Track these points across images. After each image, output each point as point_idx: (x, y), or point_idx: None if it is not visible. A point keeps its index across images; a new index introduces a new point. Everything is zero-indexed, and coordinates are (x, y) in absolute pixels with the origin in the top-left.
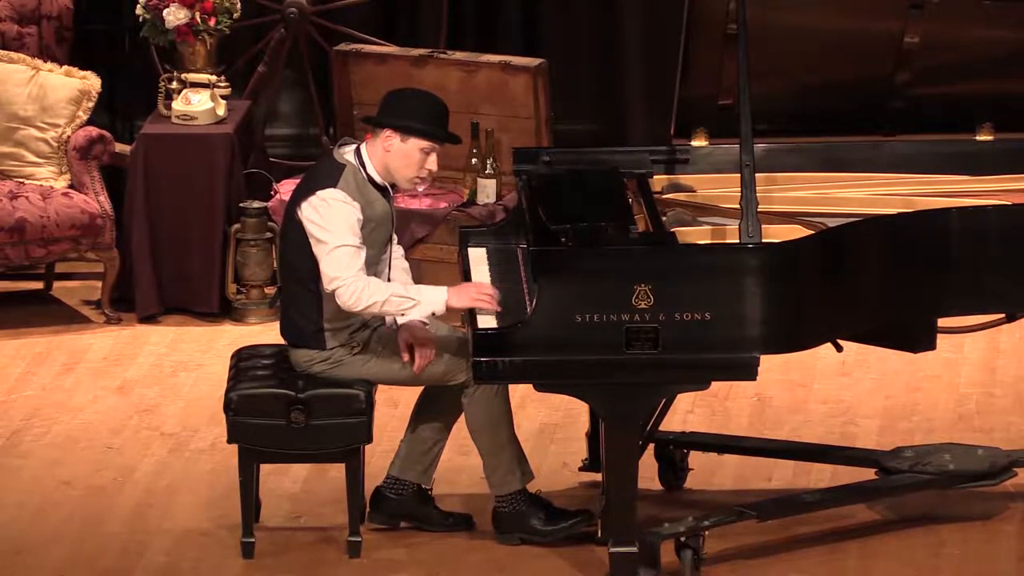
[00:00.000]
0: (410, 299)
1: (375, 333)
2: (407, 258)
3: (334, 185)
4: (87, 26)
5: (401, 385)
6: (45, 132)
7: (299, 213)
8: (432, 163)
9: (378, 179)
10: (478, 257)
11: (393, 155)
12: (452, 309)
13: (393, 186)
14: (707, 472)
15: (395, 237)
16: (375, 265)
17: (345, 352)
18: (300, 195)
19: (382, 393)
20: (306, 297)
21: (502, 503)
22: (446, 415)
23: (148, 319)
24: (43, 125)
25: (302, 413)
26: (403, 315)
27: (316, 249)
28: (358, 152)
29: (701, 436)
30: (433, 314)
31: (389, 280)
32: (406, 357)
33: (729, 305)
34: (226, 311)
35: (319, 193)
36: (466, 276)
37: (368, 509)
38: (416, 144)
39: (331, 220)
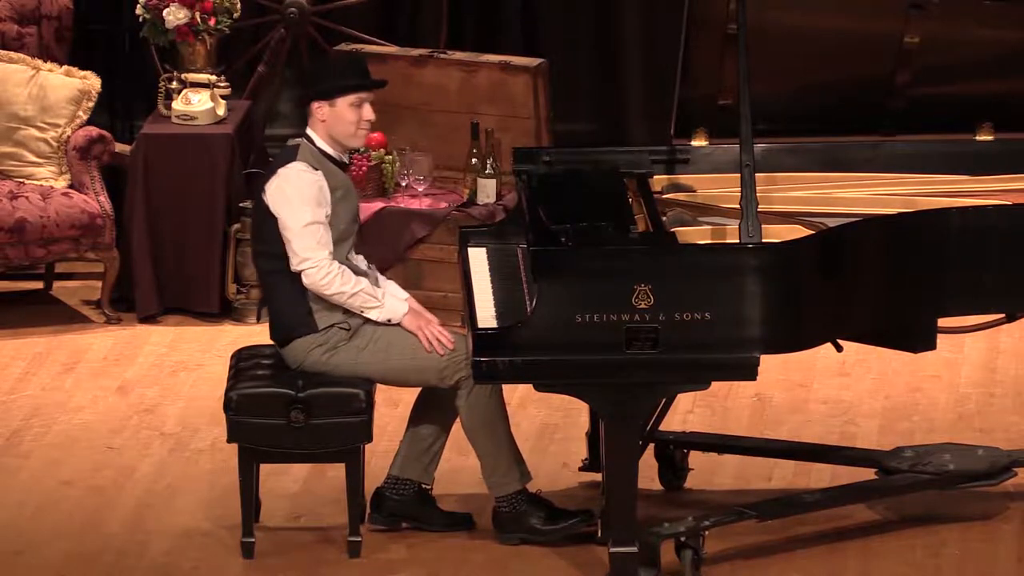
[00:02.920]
0: (376, 300)
1: (366, 324)
2: (407, 258)
3: (293, 159)
4: (87, 26)
5: (397, 384)
6: (45, 132)
7: (265, 198)
8: (367, 112)
9: (331, 152)
10: (478, 257)
11: (329, 123)
12: (403, 327)
13: (350, 159)
14: (707, 472)
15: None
16: (346, 241)
17: (340, 336)
18: (263, 182)
19: (382, 393)
20: (287, 284)
21: (502, 503)
22: (445, 413)
23: (148, 319)
24: (43, 125)
25: (302, 412)
26: (364, 312)
27: (284, 231)
28: (306, 135)
29: (701, 436)
30: (388, 321)
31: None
32: (425, 343)
33: (729, 305)
34: (226, 311)
35: (280, 171)
36: (466, 276)
37: (369, 510)
38: (344, 101)
39: (296, 194)
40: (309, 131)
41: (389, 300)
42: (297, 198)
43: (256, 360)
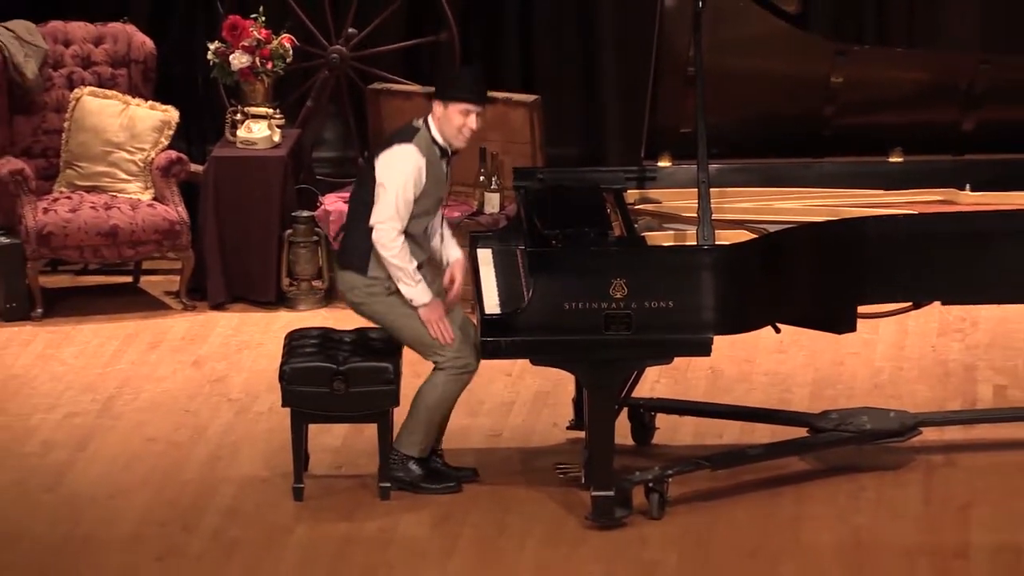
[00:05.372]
0: (412, 283)
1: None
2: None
3: (410, 141)
4: (168, 69)
5: (400, 340)
6: (134, 155)
7: (376, 160)
8: (472, 122)
9: (440, 140)
10: (485, 256)
11: (441, 120)
12: (417, 313)
13: (453, 152)
14: (670, 431)
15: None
16: (429, 216)
17: (381, 288)
18: (381, 148)
19: (408, 367)
20: (364, 226)
21: (394, 456)
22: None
23: (217, 306)
24: (132, 149)
25: (342, 382)
26: (398, 283)
27: (379, 189)
28: (426, 120)
29: (666, 401)
30: (411, 301)
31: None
32: (432, 333)
33: (688, 295)
34: (281, 300)
35: (395, 147)
36: (476, 272)
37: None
38: (454, 108)
39: (401, 168)
40: (429, 119)
41: (422, 287)
42: (400, 172)
43: (305, 340)
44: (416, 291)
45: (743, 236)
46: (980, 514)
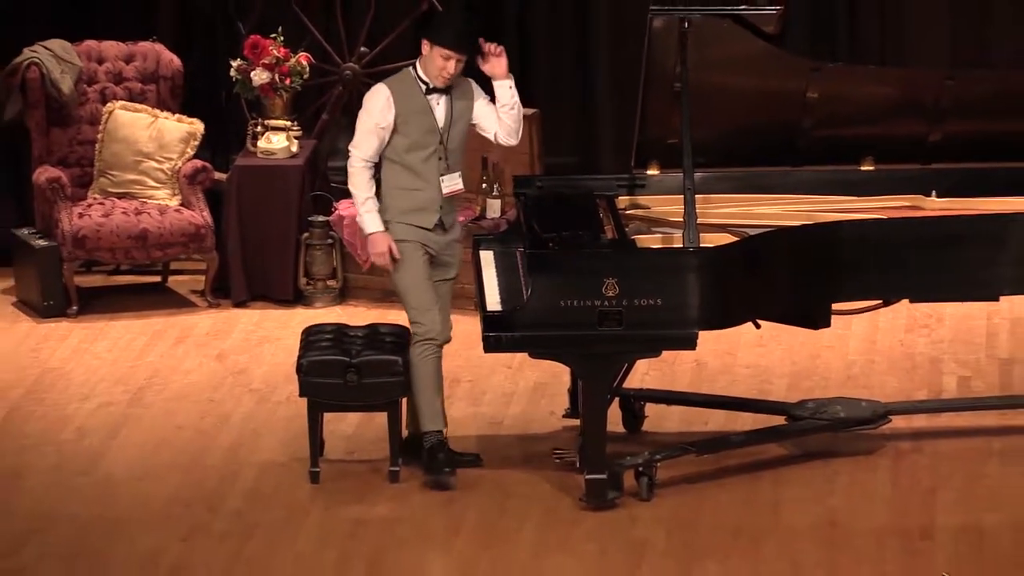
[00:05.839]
0: (364, 208)
1: (420, 248)
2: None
3: (386, 80)
4: (194, 84)
5: (396, 294)
6: (162, 164)
7: None
8: (451, 67)
9: (423, 77)
10: (487, 257)
11: (425, 58)
12: (364, 240)
13: (442, 89)
14: (658, 419)
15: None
16: (422, 150)
17: (409, 238)
18: None
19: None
20: (381, 181)
21: (426, 441)
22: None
23: (240, 304)
24: (160, 159)
25: (355, 374)
26: (355, 207)
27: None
28: (416, 60)
29: (654, 392)
30: (362, 228)
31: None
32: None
33: (675, 293)
34: (298, 298)
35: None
36: (478, 272)
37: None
38: (438, 51)
39: (367, 103)
40: (420, 57)
41: (368, 218)
42: (364, 107)
43: (320, 335)
44: (364, 219)
45: (726, 239)
46: (945, 497)
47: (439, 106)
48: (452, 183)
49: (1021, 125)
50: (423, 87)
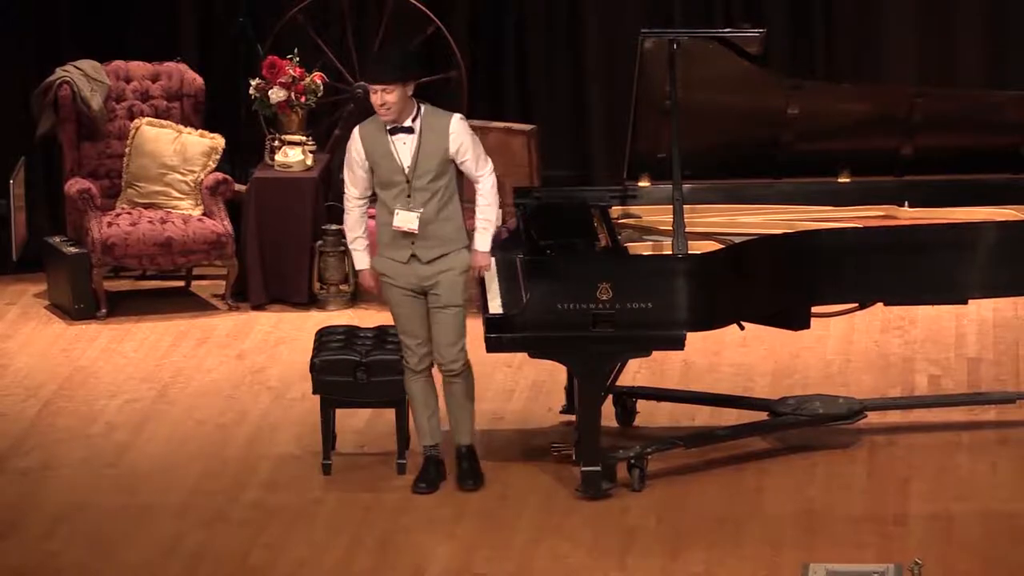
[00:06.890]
0: (354, 249)
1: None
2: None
3: (360, 123)
4: (215, 101)
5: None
6: (186, 176)
7: None
8: (378, 100)
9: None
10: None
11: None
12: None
13: (408, 128)
14: (649, 415)
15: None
16: (394, 187)
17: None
18: None
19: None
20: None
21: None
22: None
23: (258, 307)
24: (184, 171)
25: (365, 373)
26: (350, 246)
27: None
28: None
29: (645, 389)
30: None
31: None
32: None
33: (665, 297)
34: (312, 301)
35: None
36: (481, 278)
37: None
38: (369, 90)
39: (347, 146)
40: None
41: (356, 256)
42: (347, 146)
43: (333, 336)
44: (353, 257)
45: (712, 246)
46: (917, 487)
47: (404, 146)
48: (403, 220)
49: (986, 139)
50: (387, 128)
